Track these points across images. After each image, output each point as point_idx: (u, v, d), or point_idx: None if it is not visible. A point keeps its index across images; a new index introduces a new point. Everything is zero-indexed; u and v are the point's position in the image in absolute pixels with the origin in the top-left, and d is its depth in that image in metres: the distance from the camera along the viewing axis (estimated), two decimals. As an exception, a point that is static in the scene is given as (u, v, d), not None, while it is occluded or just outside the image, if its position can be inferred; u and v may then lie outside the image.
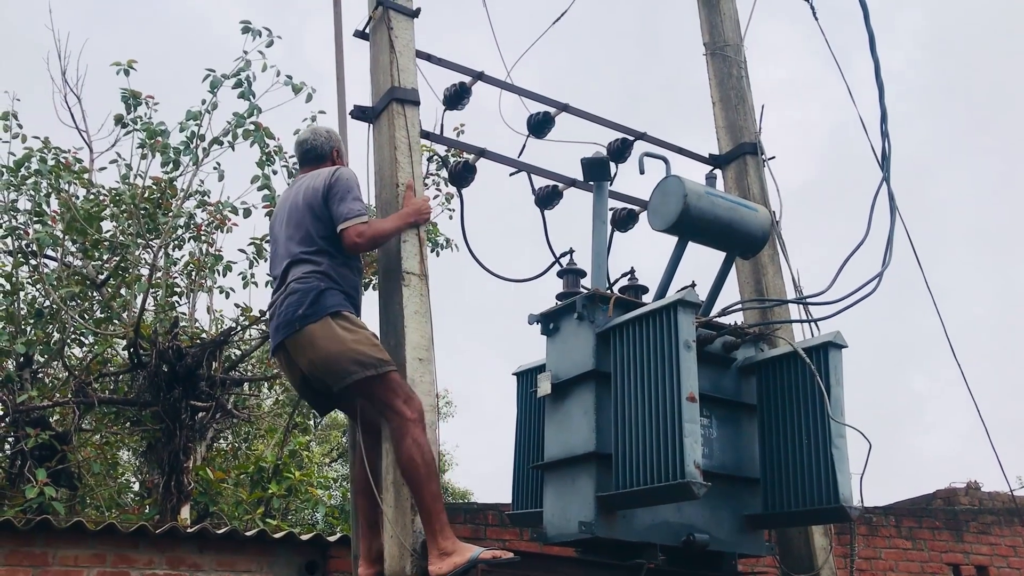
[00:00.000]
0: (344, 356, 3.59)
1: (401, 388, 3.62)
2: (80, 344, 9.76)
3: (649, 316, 3.71)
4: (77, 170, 9.35)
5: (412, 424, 3.51)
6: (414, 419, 3.52)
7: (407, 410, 3.54)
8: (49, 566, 4.76)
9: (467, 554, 3.36)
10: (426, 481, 3.45)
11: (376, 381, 3.59)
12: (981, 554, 7.45)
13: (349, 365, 3.59)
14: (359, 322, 3.75)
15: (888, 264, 4.13)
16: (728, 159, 5.19)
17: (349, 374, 3.58)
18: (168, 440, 8.26)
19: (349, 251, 3.79)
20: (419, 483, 3.45)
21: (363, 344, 3.64)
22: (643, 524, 3.78)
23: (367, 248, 3.85)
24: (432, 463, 3.48)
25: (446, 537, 3.41)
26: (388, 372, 3.61)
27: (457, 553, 3.37)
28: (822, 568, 4.44)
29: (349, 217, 3.72)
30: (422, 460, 3.46)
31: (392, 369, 3.62)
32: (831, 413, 3.85)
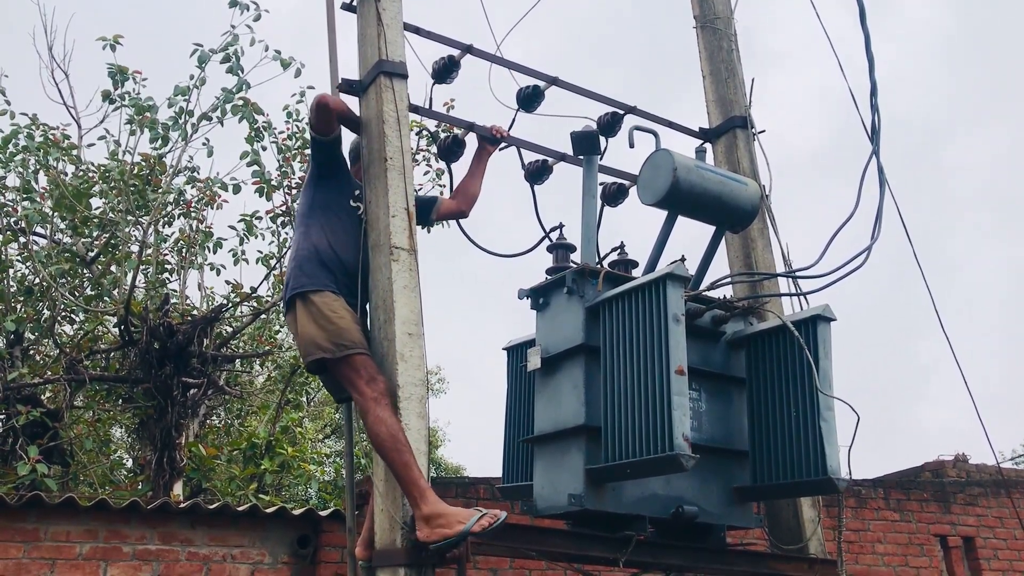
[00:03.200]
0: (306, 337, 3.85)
1: (364, 368, 3.69)
2: (71, 321, 9.75)
3: (638, 290, 3.71)
4: (65, 146, 9.30)
5: (373, 402, 3.59)
6: (375, 397, 3.59)
7: (368, 389, 3.62)
8: (41, 542, 4.77)
9: (456, 525, 3.35)
10: (393, 454, 3.50)
11: (337, 363, 3.74)
12: (968, 525, 7.53)
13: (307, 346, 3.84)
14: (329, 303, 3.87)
15: (877, 238, 4.13)
16: (718, 133, 5.18)
17: (307, 354, 3.83)
18: (160, 417, 8.26)
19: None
20: (387, 457, 3.51)
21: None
22: (632, 496, 3.81)
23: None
24: (396, 436, 3.51)
25: (427, 502, 3.42)
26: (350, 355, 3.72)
27: (445, 519, 3.38)
28: (810, 540, 4.48)
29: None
30: (387, 434, 3.52)
31: (354, 353, 3.72)
32: (819, 386, 3.87)
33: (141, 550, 4.95)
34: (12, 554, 4.70)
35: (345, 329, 3.79)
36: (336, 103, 4.05)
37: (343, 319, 3.82)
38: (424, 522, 3.40)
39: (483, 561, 5.65)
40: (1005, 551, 7.60)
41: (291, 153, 9.46)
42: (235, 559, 5.14)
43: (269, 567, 5.21)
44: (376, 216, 3.92)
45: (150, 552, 4.96)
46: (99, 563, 4.84)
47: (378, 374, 3.69)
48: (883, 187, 4.24)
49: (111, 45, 8.88)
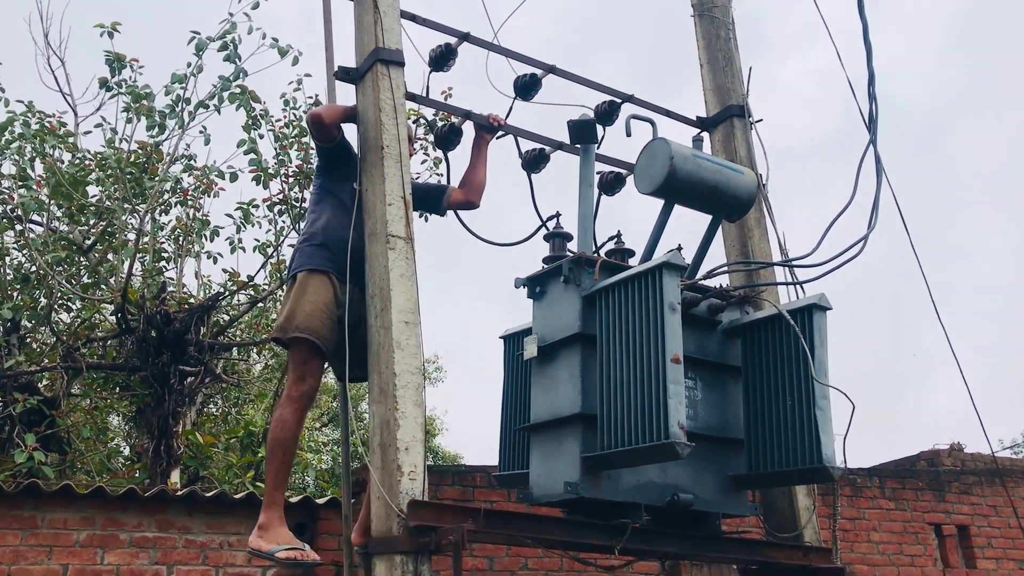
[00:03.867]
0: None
1: (298, 363, 3.95)
2: (67, 309, 9.74)
3: (635, 279, 3.72)
4: (62, 134, 9.27)
5: (287, 400, 3.93)
6: (290, 396, 3.92)
7: (291, 388, 3.94)
8: (38, 529, 4.78)
9: (271, 544, 3.82)
10: (270, 456, 3.94)
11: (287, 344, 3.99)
12: (963, 514, 7.56)
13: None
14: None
15: (873, 227, 4.13)
16: (715, 122, 5.18)
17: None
18: (157, 405, 8.27)
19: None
20: (267, 456, 3.94)
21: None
22: (628, 484, 3.82)
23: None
24: (280, 442, 3.89)
25: (267, 513, 3.86)
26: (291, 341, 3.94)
27: (269, 535, 3.84)
28: (805, 528, 4.50)
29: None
30: (274, 437, 3.91)
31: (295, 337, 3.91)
32: (815, 375, 3.88)
33: (138, 537, 4.96)
34: (10, 541, 4.71)
35: (297, 312, 3.95)
36: (329, 114, 4.12)
37: (304, 303, 3.95)
38: (257, 527, 3.87)
39: (479, 549, 5.67)
40: (999, 539, 7.63)
41: (288, 141, 9.43)
42: (232, 546, 5.16)
43: (266, 554, 5.22)
44: (372, 204, 3.92)
45: (147, 539, 4.98)
46: (96, 550, 4.85)
47: (309, 375, 3.93)
48: (880, 176, 4.24)
49: (108, 32, 8.85)
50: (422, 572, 3.41)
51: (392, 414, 3.57)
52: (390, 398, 3.60)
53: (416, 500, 3.47)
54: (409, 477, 3.50)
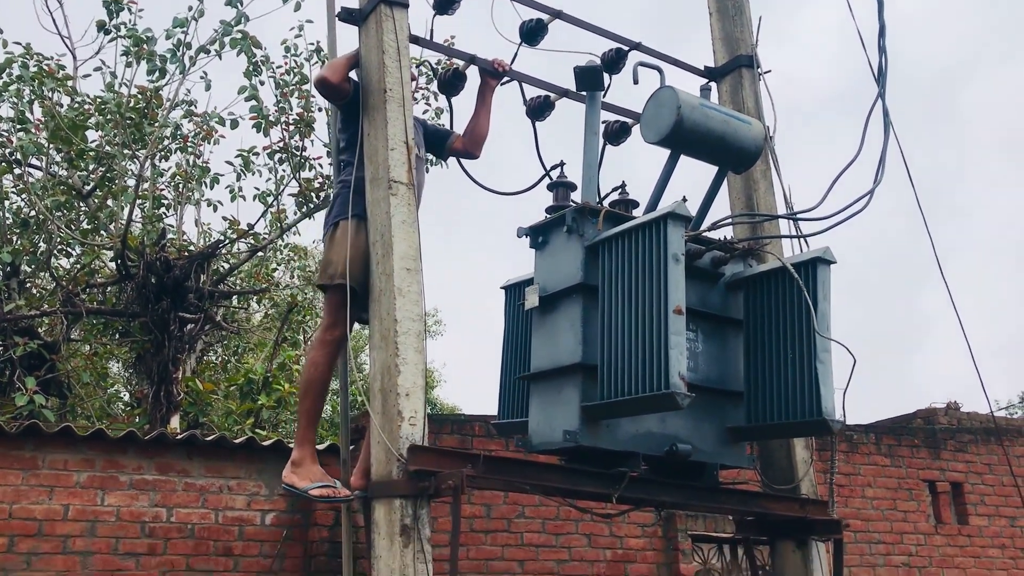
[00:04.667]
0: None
1: (332, 308, 3.98)
2: (67, 255, 9.72)
3: (639, 229, 3.68)
4: (60, 77, 9.17)
5: (318, 344, 4.00)
6: (322, 339, 3.99)
7: (323, 333, 4.01)
8: (39, 469, 4.81)
9: (305, 481, 3.92)
10: (302, 396, 4.02)
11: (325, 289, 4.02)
12: (957, 471, 7.62)
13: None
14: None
15: (880, 181, 4.09)
16: (724, 72, 5.10)
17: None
18: (157, 351, 8.29)
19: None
20: (300, 396, 4.02)
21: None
22: (627, 434, 3.83)
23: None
24: (315, 384, 4.00)
25: (300, 450, 3.98)
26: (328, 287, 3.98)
27: (302, 471, 3.95)
28: (802, 480, 4.52)
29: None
30: (307, 379, 4.01)
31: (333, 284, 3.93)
32: (817, 328, 3.86)
33: (138, 480, 5.00)
34: (11, 481, 4.74)
35: (336, 259, 3.96)
36: (334, 73, 4.02)
37: (343, 249, 3.92)
38: (290, 463, 3.98)
39: (477, 496, 5.72)
40: (992, 497, 7.70)
41: (289, 88, 9.34)
42: (231, 490, 5.19)
43: (265, 499, 5.26)
44: (374, 149, 3.87)
45: (147, 482, 5.01)
46: (96, 491, 4.89)
47: (341, 322, 3.96)
48: (887, 130, 4.19)
49: (106, -27, 8.71)
50: (421, 516, 3.43)
51: (393, 360, 3.57)
52: (391, 344, 3.60)
53: (416, 445, 3.48)
54: (409, 423, 3.50)
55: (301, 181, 9.40)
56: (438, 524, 4.91)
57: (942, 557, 7.32)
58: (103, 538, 4.84)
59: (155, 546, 4.93)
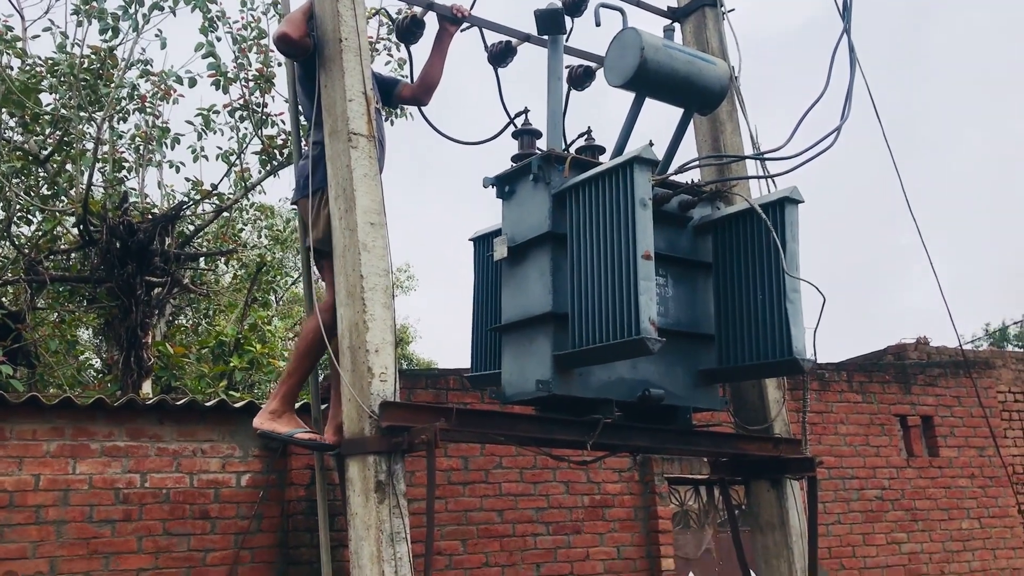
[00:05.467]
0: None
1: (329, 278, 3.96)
2: (27, 222, 9.53)
3: (605, 175, 3.64)
4: (9, 39, 8.90)
5: (324, 308, 3.92)
6: (328, 304, 3.89)
7: (329, 298, 3.93)
8: (7, 440, 4.73)
9: (287, 428, 3.96)
10: (300, 358, 4.04)
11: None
12: (927, 405, 7.73)
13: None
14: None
15: (846, 118, 4.06)
16: (687, 12, 5.03)
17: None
18: (124, 316, 8.18)
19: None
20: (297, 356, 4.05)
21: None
22: (599, 381, 3.82)
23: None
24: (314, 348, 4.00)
25: (280, 400, 4.01)
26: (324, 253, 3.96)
27: (283, 420, 3.99)
28: (775, 420, 4.56)
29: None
30: (308, 341, 4.00)
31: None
32: (786, 268, 3.86)
33: (109, 447, 4.94)
34: (-22, 453, 4.67)
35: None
36: (293, 27, 3.87)
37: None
38: (268, 412, 4.00)
39: (454, 449, 5.72)
40: (961, 428, 7.83)
41: (247, 44, 9.13)
42: (205, 454, 5.16)
43: (240, 460, 5.24)
44: (332, 101, 3.78)
45: (119, 448, 4.96)
46: (67, 460, 4.83)
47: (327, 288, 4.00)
48: (853, 67, 4.15)
49: (49, -72, 8.41)
50: (395, 471, 3.41)
51: (360, 317, 3.52)
52: (358, 301, 3.55)
53: (388, 401, 3.45)
54: (380, 379, 3.47)
55: (264, 139, 9.24)
56: (415, 478, 4.92)
57: (914, 489, 7.46)
58: (77, 506, 4.80)
59: (130, 512, 4.90)
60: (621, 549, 6.20)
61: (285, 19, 4.01)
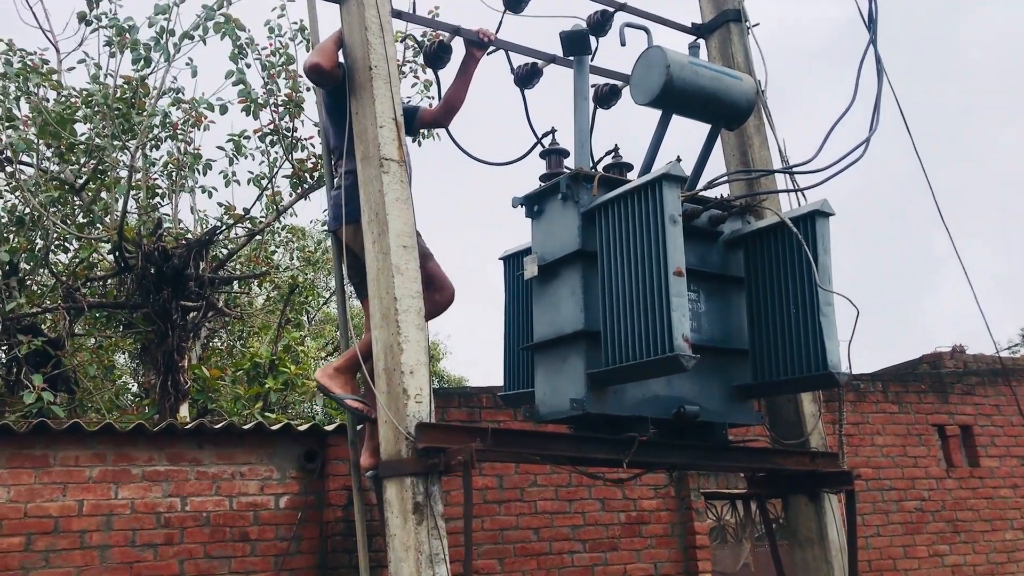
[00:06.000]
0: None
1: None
2: (64, 250, 9.69)
3: (634, 192, 3.66)
4: (45, 72, 9.08)
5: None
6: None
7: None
8: (51, 467, 4.82)
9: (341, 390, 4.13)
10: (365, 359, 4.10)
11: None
12: (966, 414, 7.63)
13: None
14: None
15: (875, 129, 4.06)
16: (711, 28, 5.05)
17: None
18: (161, 341, 8.28)
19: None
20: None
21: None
22: (634, 399, 3.83)
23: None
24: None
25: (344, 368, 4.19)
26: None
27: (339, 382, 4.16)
28: (811, 433, 4.53)
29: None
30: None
31: None
32: (819, 281, 3.85)
33: (150, 471, 5.01)
34: (24, 480, 4.76)
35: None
36: (324, 57, 3.97)
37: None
38: (331, 369, 4.19)
39: (488, 468, 5.74)
40: (1002, 438, 7.72)
41: (276, 70, 9.25)
42: (244, 476, 5.21)
43: (278, 482, 5.29)
44: (363, 128, 3.84)
45: (159, 473, 5.03)
46: (110, 485, 4.90)
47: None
48: (881, 77, 4.15)
49: (82, -36, 8.59)
50: (432, 492, 3.44)
51: (395, 339, 3.56)
52: (392, 323, 3.59)
53: (423, 422, 3.48)
54: (415, 400, 3.50)
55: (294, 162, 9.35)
56: (451, 497, 4.94)
57: (954, 500, 7.36)
58: (120, 531, 4.87)
59: (172, 536, 4.96)
60: (658, 565, 6.17)
61: (316, 49, 4.08)
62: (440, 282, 4.35)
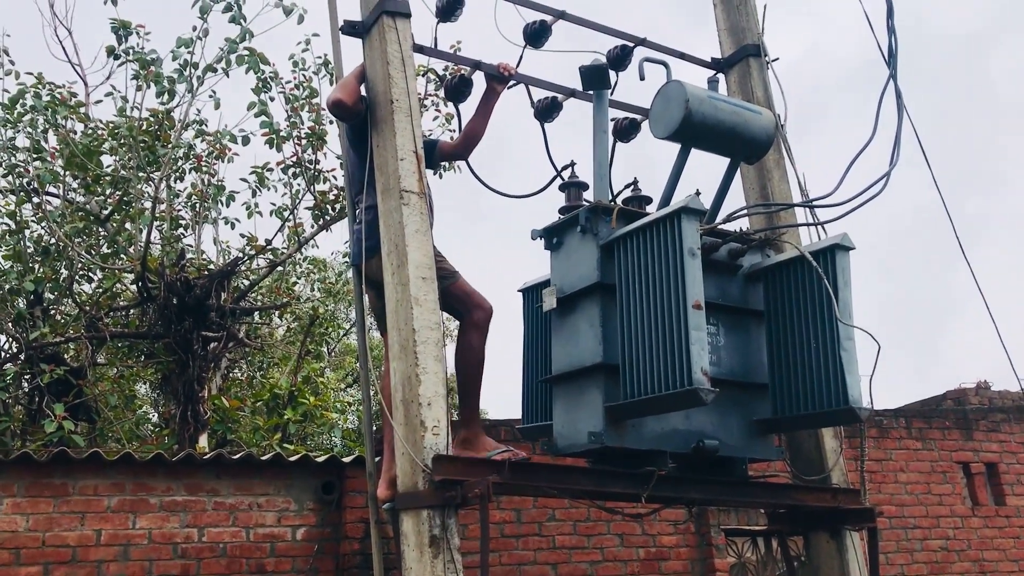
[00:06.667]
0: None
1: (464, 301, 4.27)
2: (88, 280, 9.79)
3: (653, 225, 3.66)
4: (73, 104, 9.24)
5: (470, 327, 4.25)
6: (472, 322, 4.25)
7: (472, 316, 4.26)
8: (70, 496, 4.84)
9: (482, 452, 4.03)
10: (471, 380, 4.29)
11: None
12: (991, 452, 7.52)
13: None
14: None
15: (896, 164, 4.06)
16: (731, 62, 5.07)
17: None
18: (182, 371, 8.33)
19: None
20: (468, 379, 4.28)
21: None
22: (653, 432, 3.80)
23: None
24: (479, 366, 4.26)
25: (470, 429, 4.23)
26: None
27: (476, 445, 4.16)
28: (833, 470, 4.48)
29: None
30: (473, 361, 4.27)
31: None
32: (839, 315, 3.83)
33: (168, 501, 5.02)
34: (43, 509, 4.77)
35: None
36: (347, 92, 4.03)
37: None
38: (460, 441, 4.13)
39: (506, 502, 5.70)
40: (1029, 476, 7.59)
41: (299, 103, 9.36)
42: (261, 507, 5.21)
43: (295, 514, 5.28)
44: (384, 160, 3.87)
45: (177, 503, 5.03)
46: (128, 515, 4.91)
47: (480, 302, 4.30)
48: (901, 112, 4.15)
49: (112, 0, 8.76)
50: (449, 525, 3.42)
51: (413, 370, 3.56)
52: (410, 354, 3.59)
53: (441, 455, 3.47)
54: (432, 432, 3.50)
55: (316, 194, 9.43)
56: (468, 531, 4.91)
57: (980, 539, 7.23)
58: (137, 561, 4.86)
59: (188, 567, 4.95)
60: (678, 602, 6.09)
61: (338, 84, 4.13)
62: (477, 299, 4.27)
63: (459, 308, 4.23)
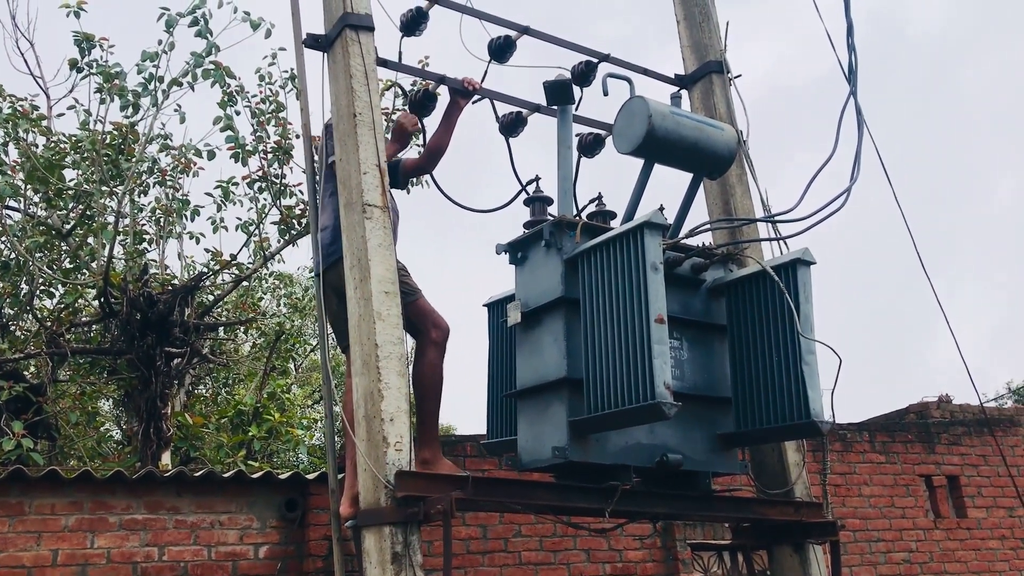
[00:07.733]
0: None
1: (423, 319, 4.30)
2: (49, 295, 9.64)
3: (616, 240, 3.67)
4: (34, 117, 9.13)
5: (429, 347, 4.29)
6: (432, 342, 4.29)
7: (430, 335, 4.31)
8: (26, 515, 4.73)
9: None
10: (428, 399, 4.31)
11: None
12: (952, 464, 7.60)
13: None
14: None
15: (856, 179, 4.10)
16: (694, 79, 5.11)
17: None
18: (144, 387, 8.22)
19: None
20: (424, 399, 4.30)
21: None
22: (616, 447, 3.80)
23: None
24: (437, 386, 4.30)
25: (430, 450, 4.23)
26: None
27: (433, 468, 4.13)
28: (796, 483, 4.50)
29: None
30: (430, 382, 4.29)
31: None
32: (800, 329, 3.85)
33: (128, 520, 4.93)
34: (-3, 529, 4.67)
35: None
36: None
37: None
38: (419, 463, 4.03)
39: (472, 518, 5.66)
40: (989, 488, 7.68)
41: (265, 117, 9.32)
42: (223, 525, 5.13)
43: (258, 532, 5.20)
44: (347, 174, 3.85)
45: (137, 521, 4.94)
46: (86, 534, 4.81)
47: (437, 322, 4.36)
48: (861, 130, 4.21)
49: (75, 12, 8.67)
50: (411, 542, 3.39)
51: (375, 385, 3.54)
52: (373, 370, 3.57)
53: (403, 471, 3.45)
54: (395, 448, 3.47)
55: (282, 209, 9.38)
56: (434, 547, 4.87)
57: (943, 552, 7.30)
58: (94, 581, 4.77)
59: (148, 586, 4.86)
60: (644, 618, 6.07)
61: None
62: (436, 318, 4.32)
63: (419, 326, 4.24)
